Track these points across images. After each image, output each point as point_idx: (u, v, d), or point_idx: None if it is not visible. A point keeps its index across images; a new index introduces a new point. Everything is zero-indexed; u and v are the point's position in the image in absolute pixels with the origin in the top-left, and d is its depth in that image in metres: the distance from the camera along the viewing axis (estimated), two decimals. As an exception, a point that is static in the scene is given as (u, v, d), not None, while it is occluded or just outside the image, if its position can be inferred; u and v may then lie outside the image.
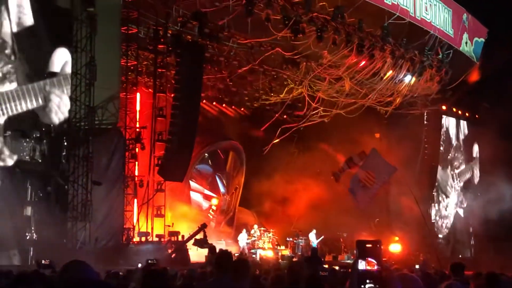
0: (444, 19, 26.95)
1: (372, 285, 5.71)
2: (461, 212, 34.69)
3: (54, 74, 19.63)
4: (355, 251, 6.64)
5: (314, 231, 29.13)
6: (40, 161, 19.30)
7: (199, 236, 23.55)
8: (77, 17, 20.01)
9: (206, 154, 31.86)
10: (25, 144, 19.02)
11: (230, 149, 33.11)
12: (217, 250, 18.08)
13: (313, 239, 28.89)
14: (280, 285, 7.52)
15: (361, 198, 28.30)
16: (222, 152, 33.14)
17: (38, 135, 19.26)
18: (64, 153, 20.07)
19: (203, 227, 22.86)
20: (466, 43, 28.79)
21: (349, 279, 6.07)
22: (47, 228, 18.25)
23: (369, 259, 5.75)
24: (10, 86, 18.69)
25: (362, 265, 5.71)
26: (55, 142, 19.77)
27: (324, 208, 29.22)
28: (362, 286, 5.72)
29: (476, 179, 35.77)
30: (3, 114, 18.45)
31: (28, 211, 18.82)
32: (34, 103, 18.99)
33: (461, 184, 35.00)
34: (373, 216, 30.42)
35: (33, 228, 18.56)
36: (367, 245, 5.85)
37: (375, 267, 5.72)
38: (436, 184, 32.94)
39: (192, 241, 23.56)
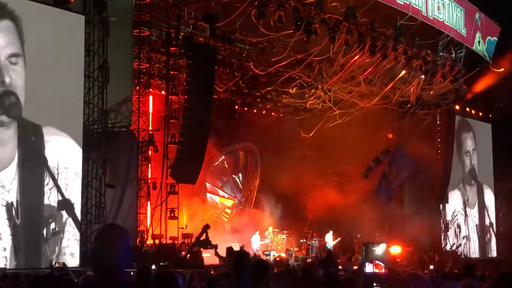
0: (456, 18, 26.82)
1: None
2: (476, 212, 34.43)
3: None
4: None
5: (331, 232, 28.99)
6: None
7: (202, 237, 23.42)
8: (90, 21, 20.06)
9: (222, 156, 31.85)
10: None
11: (247, 151, 33.06)
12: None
13: (329, 241, 28.77)
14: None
15: (384, 194, 28.28)
16: (239, 154, 33.11)
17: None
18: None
19: (205, 228, 22.68)
20: (479, 42, 28.63)
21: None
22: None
23: (377, 261, 5.61)
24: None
25: (369, 268, 5.53)
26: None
27: (338, 209, 29.11)
28: None
29: (491, 177, 35.52)
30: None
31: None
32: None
33: (476, 182, 34.73)
34: (387, 217, 30.27)
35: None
36: (373, 248, 5.77)
37: (383, 270, 5.57)
38: (450, 183, 32.70)
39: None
